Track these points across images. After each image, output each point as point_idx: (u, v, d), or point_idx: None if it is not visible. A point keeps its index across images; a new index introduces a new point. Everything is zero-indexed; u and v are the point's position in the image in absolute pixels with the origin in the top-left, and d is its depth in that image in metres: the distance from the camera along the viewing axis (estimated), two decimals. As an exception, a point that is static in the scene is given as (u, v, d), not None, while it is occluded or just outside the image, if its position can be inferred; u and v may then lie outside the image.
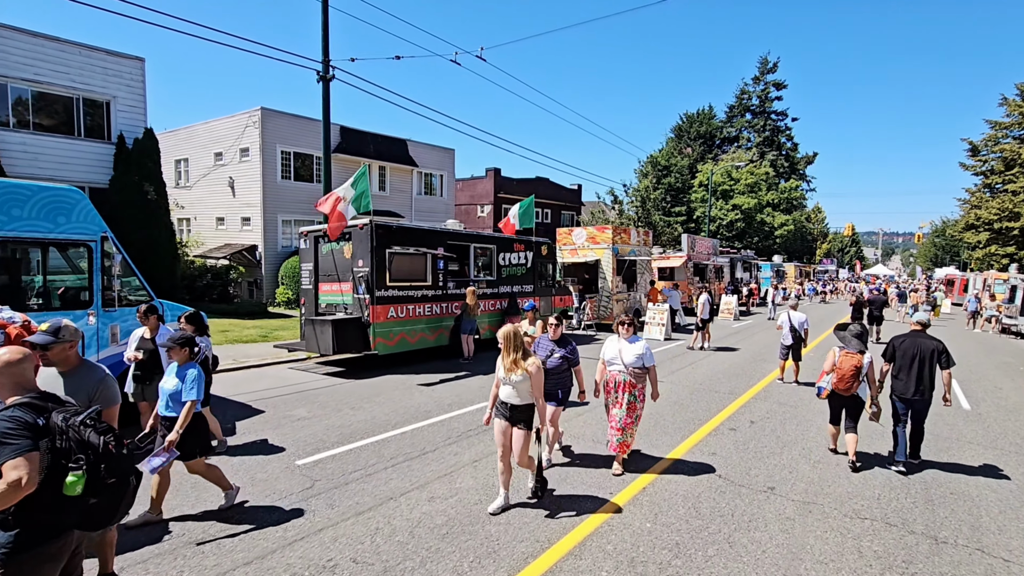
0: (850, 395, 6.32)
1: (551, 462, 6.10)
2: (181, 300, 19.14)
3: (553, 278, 16.52)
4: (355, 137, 25.63)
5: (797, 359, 10.75)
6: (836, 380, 6.31)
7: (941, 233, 73.05)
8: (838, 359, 6.34)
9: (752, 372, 11.88)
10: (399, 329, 11.33)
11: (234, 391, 9.23)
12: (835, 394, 6.41)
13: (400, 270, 11.38)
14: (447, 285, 12.51)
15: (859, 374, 6.21)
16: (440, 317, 12.34)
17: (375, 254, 10.76)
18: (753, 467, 6.22)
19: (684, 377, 11.17)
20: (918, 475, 6.19)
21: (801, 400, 9.47)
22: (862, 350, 6.28)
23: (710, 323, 15.28)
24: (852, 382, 6.22)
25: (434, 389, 9.66)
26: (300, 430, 7.16)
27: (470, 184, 37.34)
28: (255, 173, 22.70)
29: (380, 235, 10.87)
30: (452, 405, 8.58)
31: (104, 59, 17.80)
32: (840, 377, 6.27)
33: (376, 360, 11.93)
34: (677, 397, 9.45)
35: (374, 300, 10.78)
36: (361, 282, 10.90)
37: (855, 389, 6.26)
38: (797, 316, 10.72)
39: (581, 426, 7.72)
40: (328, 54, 12.90)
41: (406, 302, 11.50)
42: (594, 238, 18.98)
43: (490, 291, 13.89)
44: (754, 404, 9.14)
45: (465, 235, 13.31)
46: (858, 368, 6.21)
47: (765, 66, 60.22)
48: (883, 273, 67.47)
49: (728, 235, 48.12)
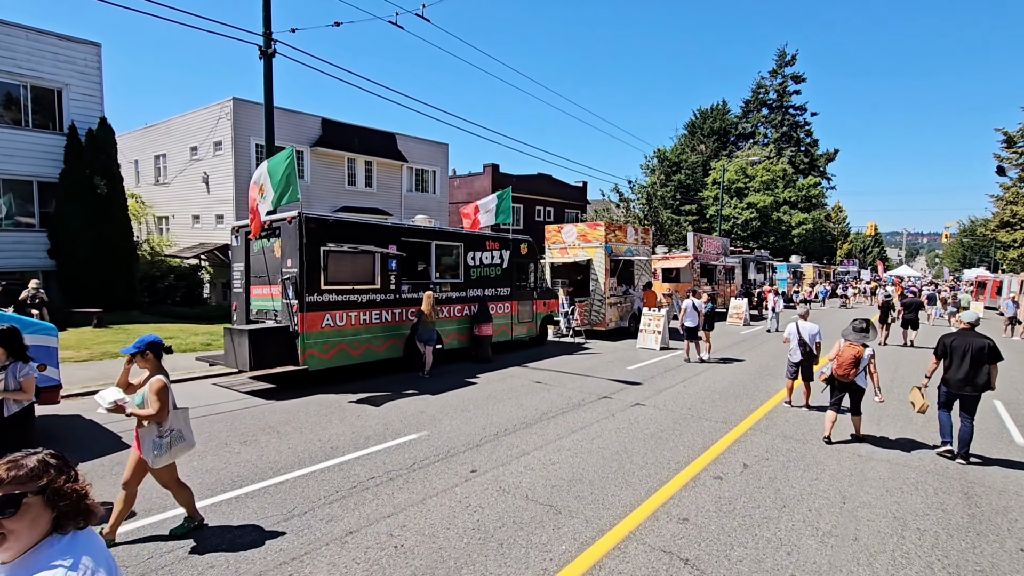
0: (848, 382, 6.94)
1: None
2: (139, 304, 17.82)
3: (535, 280, 14.80)
4: (337, 129, 24.18)
5: (808, 379, 8.89)
6: (835, 366, 6.99)
7: (970, 232, 69.66)
8: (841, 348, 7.00)
9: (754, 391, 10.05)
10: (337, 340, 9.72)
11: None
12: (835, 380, 7.06)
13: (340, 271, 9.78)
14: (401, 288, 10.88)
15: (858, 363, 6.83)
16: (392, 325, 10.72)
17: (305, 252, 9.17)
18: (737, 546, 4.47)
19: (671, 398, 9.38)
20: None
21: (811, 432, 7.64)
22: (864, 343, 6.92)
23: (709, 331, 13.43)
24: (850, 370, 6.85)
25: (362, 414, 8.02)
26: (148, 479, 5.54)
27: (467, 181, 35.75)
28: (228, 168, 21.35)
29: (312, 230, 9.27)
30: (371, 439, 6.93)
31: (55, 44, 16.54)
32: (839, 364, 6.94)
33: (317, 374, 10.36)
34: (656, 427, 7.68)
35: (304, 306, 9.18)
36: (289, 285, 9.32)
37: (852, 377, 6.86)
38: (807, 327, 8.88)
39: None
40: (270, 27, 11.38)
41: (347, 308, 9.89)
42: (585, 236, 17.21)
43: (456, 295, 12.23)
44: (751, 438, 7.34)
45: (424, 231, 11.65)
46: (857, 358, 6.85)
47: (783, 59, 57.78)
48: (907, 274, 64.36)
49: (743, 235, 45.89)
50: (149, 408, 4.12)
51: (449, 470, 5.92)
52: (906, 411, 8.75)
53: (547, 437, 7.13)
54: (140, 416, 4.10)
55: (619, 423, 7.83)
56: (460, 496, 5.25)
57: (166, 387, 4.18)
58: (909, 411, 8.66)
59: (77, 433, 7.07)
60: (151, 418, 4.10)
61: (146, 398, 4.17)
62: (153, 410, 4.09)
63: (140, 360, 4.24)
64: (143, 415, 4.09)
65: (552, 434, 7.26)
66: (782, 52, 57.78)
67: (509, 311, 13.78)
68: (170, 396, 4.24)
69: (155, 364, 4.28)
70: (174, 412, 4.28)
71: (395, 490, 5.35)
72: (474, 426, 7.54)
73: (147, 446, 4.14)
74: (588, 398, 9.26)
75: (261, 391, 9.37)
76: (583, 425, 7.69)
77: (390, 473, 5.78)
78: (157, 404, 4.10)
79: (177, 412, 4.32)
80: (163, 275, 19.23)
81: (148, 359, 4.25)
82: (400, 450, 6.51)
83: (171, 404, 4.24)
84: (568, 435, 7.23)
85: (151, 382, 4.18)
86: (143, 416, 4.09)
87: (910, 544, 4.59)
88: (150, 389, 4.15)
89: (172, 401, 4.27)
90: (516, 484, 5.57)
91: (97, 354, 11.54)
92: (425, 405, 8.58)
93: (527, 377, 10.90)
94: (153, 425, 4.14)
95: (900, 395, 9.74)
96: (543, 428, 7.51)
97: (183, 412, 4.40)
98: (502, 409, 8.45)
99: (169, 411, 4.19)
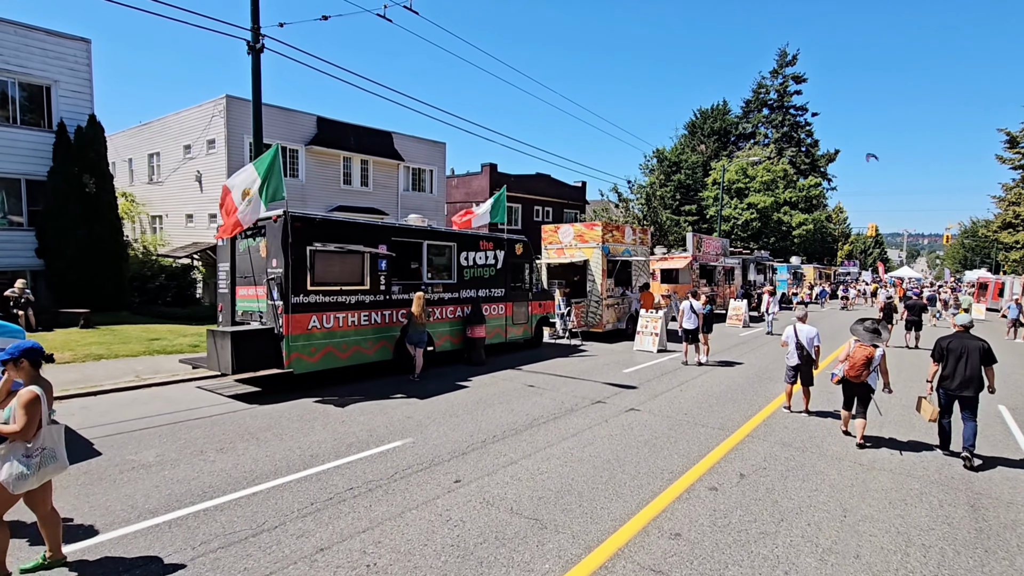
0: (860, 383, 7.00)
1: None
2: (129, 304, 17.59)
3: (530, 281, 14.54)
4: (332, 128, 23.93)
5: (807, 383, 8.63)
6: (848, 368, 7.02)
7: (972, 234, 69.37)
8: (852, 349, 7.04)
9: (753, 396, 9.79)
10: (324, 342, 9.46)
11: (98, 419, 7.45)
12: (847, 381, 7.12)
13: (327, 271, 9.53)
14: (391, 289, 10.62)
15: (870, 364, 6.91)
16: (382, 327, 10.46)
17: (291, 252, 8.92)
18: (732, 564, 4.21)
19: (667, 403, 9.12)
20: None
21: (811, 439, 7.38)
22: (875, 344, 7.01)
23: (708, 334, 13.17)
24: (862, 371, 6.92)
25: (346, 419, 7.77)
26: (115, 490, 5.30)
27: (465, 181, 35.48)
28: (221, 166, 21.08)
29: (298, 229, 9.01)
30: (353, 446, 6.67)
31: (44, 40, 16.28)
32: (852, 365, 6.98)
33: (304, 377, 10.10)
34: (651, 434, 7.42)
35: (289, 308, 8.92)
36: (274, 286, 9.06)
37: (864, 377, 6.94)
38: (805, 330, 8.61)
39: (506, 483, 5.74)
40: (258, 21, 11.11)
41: (335, 309, 9.63)
42: (582, 236, 16.95)
43: (448, 296, 11.97)
44: (749, 445, 7.08)
45: (415, 231, 11.39)
46: (869, 359, 6.92)
47: (784, 58, 57.53)
48: (908, 275, 64.00)
49: (743, 235, 45.61)
50: (14, 424, 3.64)
51: (432, 480, 5.66)
52: (909, 417, 8.50)
53: (536, 444, 6.87)
54: (3, 432, 3.65)
55: (612, 429, 7.57)
56: (441, 509, 4.99)
57: (37, 399, 3.70)
58: (912, 417, 8.41)
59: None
60: (15, 435, 3.63)
61: (13, 411, 3.69)
62: (17, 426, 3.61)
63: (13, 369, 3.77)
64: (6, 431, 3.63)
65: (542, 441, 7.01)
66: (783, 52, 57.54)
67: (503, 312, 13.52)
68: (42, 410, 3.74)
69: (31, 374, 3.81)
70: (47, 429, 3.78)
71: (373, 502, 5.09)
72: (461, 432, 7.28)
73: (8, 467, 3.63)
74: (581, 403, 9.01)
75: (245, 395, 9.11)
76: (575, 432, 7.43)
77: (370, 484, 5.52)
78: (23, 420, 3.62)
79: (51, 429, 3.83)
80: (154, 275, 18.97)
81: (23, 368, 3.78)
82: (383, 458, 6.25)
83: (44, 419, 3.76)
84: (559, 442, 6.97)
85: (20, 394, 3.70)
86: (6, 432, 3.64)
87: (915, 562, 4.33)
88: (18, 402, 3.67)
89: (45, 416, 3.77)
90: (501, 496, 5.31)
91: (81, 356, 11.28)
92: (412, 410, 8.32)
93: (520, 380, 10.64)
94: (20, 443, 3.66)
95: (903, 399, 9.49)
96: (533, 435, 7.26)
97: (57, 429, 3.89)
98: (492, 415, 8.19)
99: (40, 427, 3.72)
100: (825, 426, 8.00)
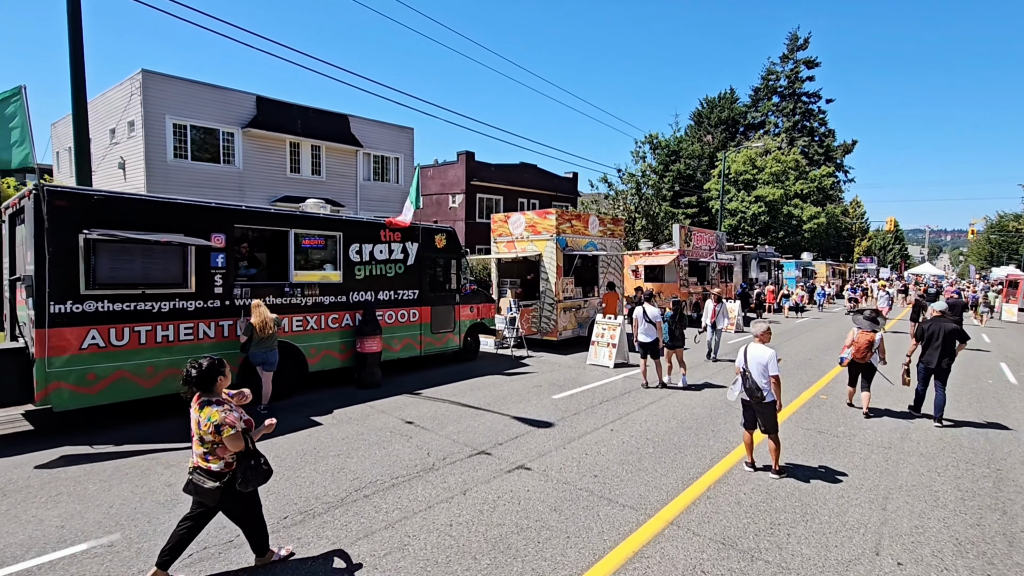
0: (865, 362, 8.10)
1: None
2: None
3: (458, 280, 11.86)
4: (275, 109, 21.45)
5: (769, 431, 5.87)
6: (854, 351, 8.09)
7: (999, 228, 65.10)
8: (856, 336, 8.10)
9: (711, 439, 7.04)
10: (112, 366, 6.89)
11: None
12: (853, 362, 8.20)
13: (120, 269, 6.97)
14: (231, 293, 8.04)
15: (872, 347, 7.98)
16: (216, 343, 7.88)
17: (50, 243, 6.37)
18: None
19: (578, 455, 6.40)
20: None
21: (774, 527, 4.63)
22: (874, 329, 8.04)
23: (679, 347, 10.34)
24: (866, 353, 8.01)
25: (84, 493, 5.19)
26: None
27: (441, 171, 32.82)
28: (140, 150, 18.71)
29: (61, 210, 6.46)
30: (48, 545, 4.09)
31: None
32: (857, 348, 8.05)
33: (93, 412, 7.57)
34: (518, 520, 4.72)
35: (45, 320, 6.37)
36: (26, 290, 6.53)
37: (868, 358, 8.03)
38: (758, 354, 5.86)
39: None
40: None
41: (133, 320, 7.07)
42: (535, 226, 14.23)
43: (329, 300, 9.35)
44: (671, 543, 4.36)
45: (275, 216, 8.77)
46: (871, 343, 7.98)
47: (795, 42, 54.15)
48: (931, 272, 59.99)
49: (751, 230, 42.41)
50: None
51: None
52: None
53: (316, 546, 4.22)
54: None
55: (462, 512, 4.89)
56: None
57: None
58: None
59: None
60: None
61: None
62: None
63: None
64: None
65: (328, 540, 4.36)
66: (794, 35, 54.16)
67: (417, 319, 10.87)
68: None
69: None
70: None
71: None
72: (216, 521, 4.65)
73: None
74: (457, 454, 6.35)
75: (16, 434, 6.60)
76: (402, 516, 4.78)
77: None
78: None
79: None
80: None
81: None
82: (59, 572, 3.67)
83: None
84: (361, 539, 4.32)
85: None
86: None
87: None
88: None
89: None
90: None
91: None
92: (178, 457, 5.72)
93: (400, 414, 8.00)
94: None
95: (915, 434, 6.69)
96: (323, 525, 4.61)
97: None
98: (301, 479, 5.57)
99: None
100: (804, 502, 5.23)
